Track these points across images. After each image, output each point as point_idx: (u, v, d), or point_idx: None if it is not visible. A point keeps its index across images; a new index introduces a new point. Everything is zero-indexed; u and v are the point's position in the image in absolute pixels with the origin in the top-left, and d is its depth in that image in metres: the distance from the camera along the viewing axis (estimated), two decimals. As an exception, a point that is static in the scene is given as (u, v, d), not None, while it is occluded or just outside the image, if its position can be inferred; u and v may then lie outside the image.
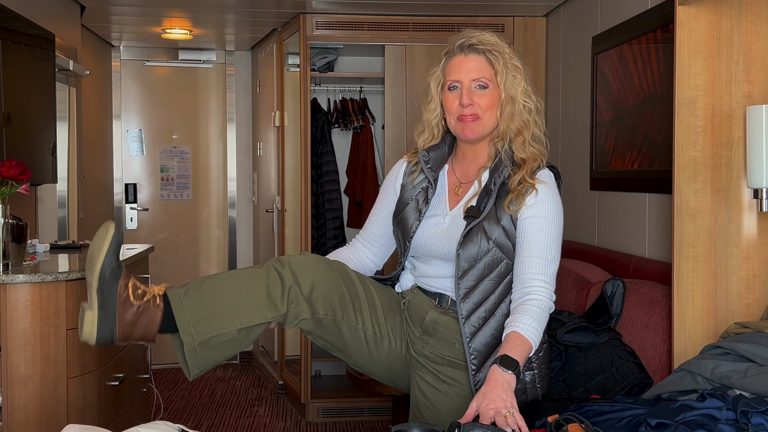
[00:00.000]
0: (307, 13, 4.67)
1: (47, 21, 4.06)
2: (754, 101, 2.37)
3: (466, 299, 2.07)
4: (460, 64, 2.10)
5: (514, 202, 2.04)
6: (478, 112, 2.07)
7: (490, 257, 2.05)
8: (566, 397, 2.87)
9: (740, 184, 2.38)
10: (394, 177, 2.28)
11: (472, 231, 2.05)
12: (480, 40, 2.09)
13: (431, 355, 2.16)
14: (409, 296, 2.22)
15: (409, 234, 2.15)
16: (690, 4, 2.37)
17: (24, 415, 2.79)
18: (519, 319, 1.98)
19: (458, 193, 2.15)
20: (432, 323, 2.15)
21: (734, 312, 2.41)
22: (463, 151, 2.18)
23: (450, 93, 2.10)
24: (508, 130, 2.09)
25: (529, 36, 4.72)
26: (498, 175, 2.07)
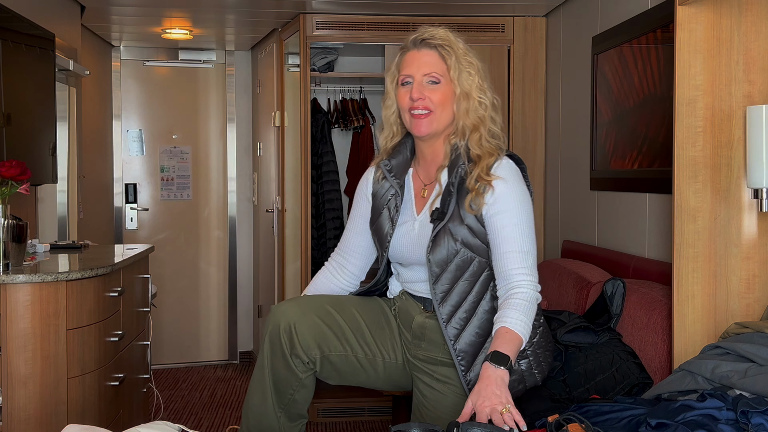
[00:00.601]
0: (307, 13, 4.67)
1: (47, 21, 4.06)
2: (754, 101, 2.37)
3: (444, 303, 2.07)
4: (413, 59, 2.07)
5: (474, 202, 2.02)
6: (430, 106, 2.04)
7: (460, 258, 2.05)
8: (566, 397, 2.87)
9: (740, 184, 2.38)
10: (365, 186, 2.27)
11: (438, 235, 2.04)
12: (432, 35, 2.07)
13: (425, 357, 2.18)
14: (398, 302, 2.23)
15: (385, 243, 2.16)
16: (690, 4, 2.37)
17: (24, 415, 2.79)
18: (506, 313, 1.98)
19: (424, 196, 2.14)
20: (419, 328, 2.16)
21: (734, 312, 2.41)
22: (421, 151, 2.16)
23: (402, 88, 2.08)
24: (465, 126, 2.07)
25: (529, 36, 4.72)
26: (455, 174, 2.05)
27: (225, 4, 4.79)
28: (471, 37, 4.74)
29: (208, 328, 6.43)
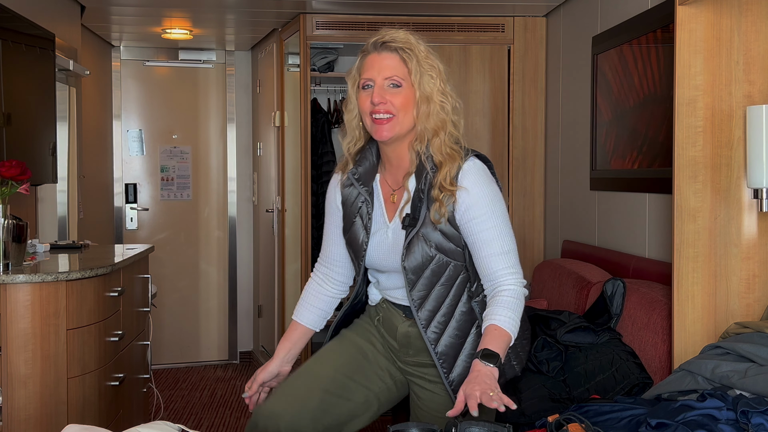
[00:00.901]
0: (307, 13, 4.67)
1: (47, 21, 4.06)
2: (754, 101, 2.37)
3: (422, 308, 2.07)
4: (373, 62, 2.03)
5: (438, 212, 2.00)
6: (392, 110, 2.00)
7: (436, 264, 2.04)
8: (566, 397, 2.87)
9: (740, 184, 2.38)
10: (333, 195, 2.22)
11: (412, 241, 2.02)
12: (393, 37, 2.03)
13: (415, 362, 2.19)
14: (381, 312, 2.22)
15: (360, 252, 2.13)
16: (690, 4, 2.37)
17: (24, 415, 2.79)
18: (495, 311, 1.99)
19: (394, 201, 2.11)
20: (404, 337, 2.16)
21: (734, 312, 2.41)
22: (387, 156, 2.12)
23: (363, 92, 2.04)
24: (426, 130, 2.03)
25: (529, 36, 4.73)
26: (424, 180, 2.02)
27: (225, 4, 4.80)
28: (471, 37, 4.76)
29: (208, 328, 6.43)
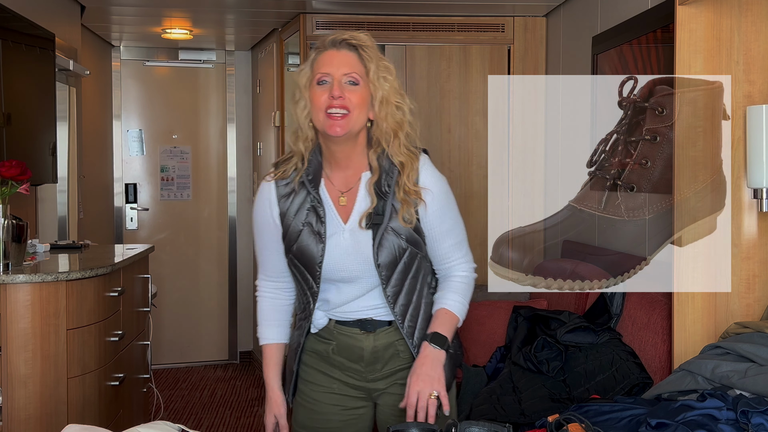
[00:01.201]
0: (307, 13, 4.67)
1: (47, 21, 4.06)
2: (754, 101, 2.37)
3: (396, 304, 2.04)
4: (331, 58, 2.00)
5: (407, 213, 2.00)
6: (349, 106, 1.96)
7: (408, 257, 2.03)
8: (566, 397, 2.87)
9: (740, 184, 2.38)
10: (267, 210, 2.09)
11: (383, 238, 2.00)
12: (353, 35, 2.02)
13: (384, 374, 2.12)
14: (334, 340, 2.10)
15: (316, 261, 2.03)
16: (690, 4, 2.37)
17: (24, 415, 2.79)
18: (446, 295, 2.07)
19: (344, 204, 2.06)
20: (372, 354, 2.09)
21: (734, 312, 2.41)
22: (334, 156, 2.06)
23: (319, 87, 1.99)
24: (383, 131, 2.01)
25: (529, 36, 4.73)
26: (390, 178, 2.01)
27: (225, 4, 4.79)
28: (471, 37, 4.76)
29: (208, 328, 6.43)
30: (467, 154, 4.81)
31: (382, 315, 2.07)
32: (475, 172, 4.78)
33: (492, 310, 4.08)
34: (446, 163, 4.76)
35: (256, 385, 5.74)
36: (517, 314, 3.62)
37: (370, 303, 2.07)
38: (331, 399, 2.14)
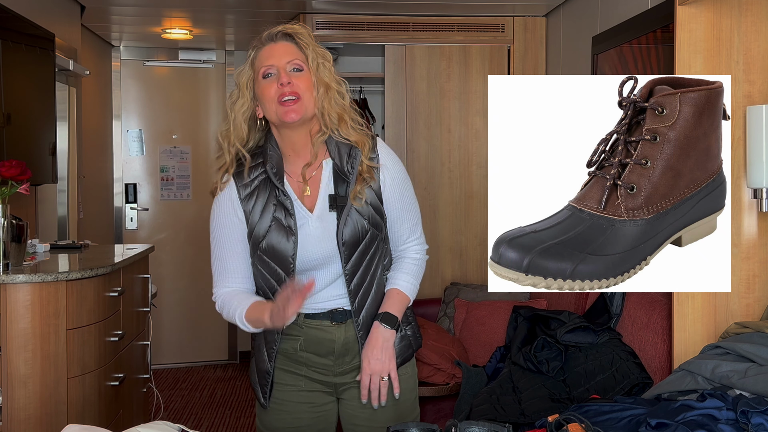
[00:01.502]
0: (307, 13, 4.67)
1: (47, 21, 4.06)
2: (754, 101, 2.37)
3: (352, 281, 2.06)
4: (271, 50, 2.03)
5: (360, 194, 2.04)
6: (298, 91, 1.99)
7: (369, 237, 2.06)
8: (566, 397, 2.87)
9: (740, 184, 2.38)
10: (231, 209, 2.08)
11: (347, 219, 2.03)
12: (286, 27, 2.06)
13: (354, 365, 2.12)
14: (302, 335, 2.09)
15: (289, 254, 2.02)
16: (690, 4, 2.37)
17: (24, 415, 2.79)
18: (398, 276, 2.13)
19: (308, 194, 2.07)
20: (343, 347, 2.09)
21: (734, 312, 2.41)
22: (291, 145, 2.07)
23: (265, 80, 2.02)
24: (329, 117, 2.04)
25: (529, 36, 4.73)
26: (353, 159, 2.04)
27: (225, 4, 4.80)
28: (471, 37, 4.76)
29: (208, 328, 6.43)
30: (467, 154, 4.81)
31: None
32: (475, 172, 4.78)
33: (492, 310, 4.09)
34: (446, 163, 4.76)
35: (256, 385, 5.74)
36: (517, 314, 3.62)
37: (339, 291, 2.08)
38: (299, 397, 2.13)
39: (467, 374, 3.46)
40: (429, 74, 4.76)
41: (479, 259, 4.77)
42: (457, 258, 4.76)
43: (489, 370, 3.55)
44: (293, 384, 2.13)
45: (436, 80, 4.77)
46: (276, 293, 2.03)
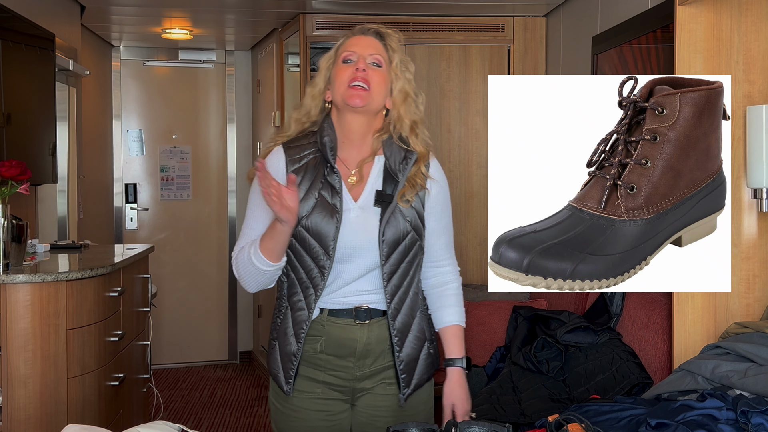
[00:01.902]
0: (307, 13, 4.67)
1: (47, 21, 4.06)
2: (754, 101, 2.37)
3: (389, 283, 2.05)
4: (358, 40, 2.08)
5: (408, 196, 2.06)
6: (371, 82, 2.02)
7: (410, 239, 2.06)
8: (566, 397, 2.87)
9: (740, 184, 2.38)
10: (276, 176, 2.00)
11: (391, 216, 2.03)
12: (381, 27, 2.11)
13: (371, 372, 2.10)
14: (322, 335, 2.05)
15: (330, 235, 2.00)
16: (690, 4, 2.37)
17: (24, 415, 2.79)
18: (450, 311, 2.17)
19: (352, 182, 2.07)
20: (365, 348, 2.07)
21: (734, 312, 2.41)
22: (350, 137, 2.08)
23: (344, 64, 2.05)
24: (401, 121, 2.08)
25: (529, 36, 4.73)
26: (406, 162, 2.07)
27: (225, 4, 4.80)
28: (471, 37, 4.76)
29: (208, 328, 6.43)
30: (467, 154, 4.81)
31: (377, 303, 2.06)
32: (475, 172, 4.78)
33: (492, 310, 4.08)
34: (446, 163, 4.76)
35: (256, 385, 5.74)
36: (517, 314, 3.62)
37: (366, 287, 2.06)
38: (315, 405, 2.09)
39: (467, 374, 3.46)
40: (429, 74, 4.76)
41: (479, 259, 4.77)
42: (457, 258, 4.75)
43: (489, 370, 3.55)
44: (310, 392, 2.09)
45: (436, 80, 4.77)
46: (313, 276, 2.02)
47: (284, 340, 2.08)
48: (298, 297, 2.06)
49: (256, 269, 2.00)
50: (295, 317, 2.06)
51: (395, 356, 2.07)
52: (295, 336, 2.06)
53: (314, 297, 2.03)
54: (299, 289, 2.06)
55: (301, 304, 2.06)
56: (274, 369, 2.11)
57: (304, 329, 2.04)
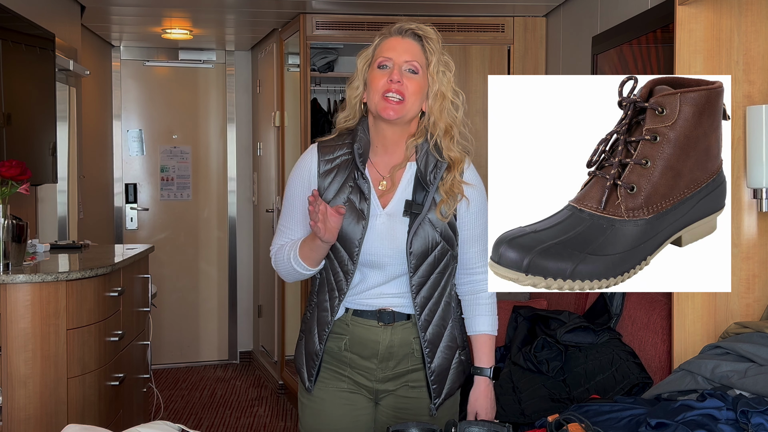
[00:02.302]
0: (307, 13, 4.67)
1: (47, 21, 4.06)
2: (754, 101, 2.37)
3: (418, 295, 2.04)
4: (395, 44, 2.03)
5: (446, 207, 2.03)
6: (405, 93, 1.99)
7: (440, 250, 2.04)
8: (566, 397, 2.87)
9: (740, 184, 2.38)
10: (306, 178, 2.08)
11: (419, 226, 2.01)
12: (419, 26, 2.05)
13: (394, 375, 2.10)
14: (348, 334, 2.07)
15: (357, 238, 2.01)
16: (690, 4, 2.37)
17: (24, 415, 2.79)
18: (483, 321, 2.15)
19: (382, 189, 2.06)
20: (387, 351, 2.07)
21: (734, 312, 2.41)
22: (383, 140, 2.07)
23: (379, 71, 2.02)
24: (436, 125, 2.04)
25: (529, 36, 4.73)
26: (437, 170, 2.04)
27: (225, 4, 4.80)
28: (471, 37, 4.76)
29: (208, 328, 6.43)
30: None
31: (402, 306, 2.06)
32: (475, 172, 4.78)
33: (492, 310, 4.08)
34: (446, 163, 4.76)
35: (256, 385, 5.74)
36: (517, 314, 3.62)
37: (392, 291, 2.06)
38: (339, 398, 2.10)
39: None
40: (429, 74, 4.75)
41: (479, 259, 4.76)
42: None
43: (489, 370, 3.54)
44: (336, 385, 2.11)
45: (436, 80, 4.77)
46: (338, 279, 2.05)
47: (309, 337, 2.12)
48: (325, 297, 2.09)
49: (295, 271, 2.06)
50: (320, 317, 2.10)
51: (426, 367, 2.07)
52: (318, 336, 2.09)
53: (338, 300, 2.06)
54: (326, 288, 2.09)
55: (326, 304, 2.08)
56: (299, 363, 2.16)
57: (327, 331, 2.07)
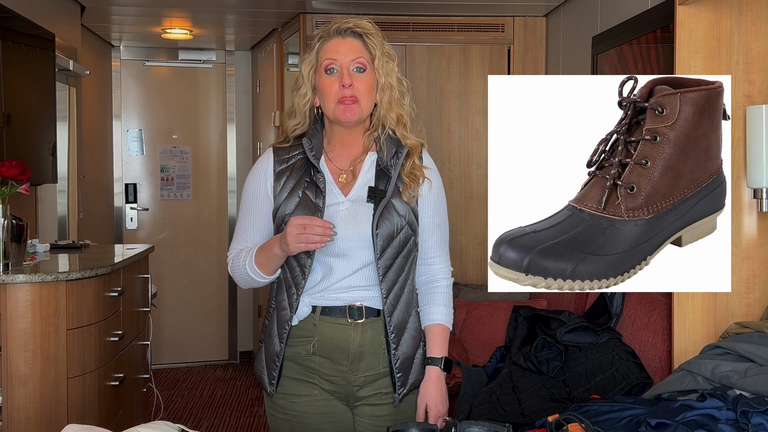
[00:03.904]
0: (307, 13, 4.67)
1: (47, 21, 4.06)
2: (754, 101, 2.37)
3: (384, 278, 2.02)
4: (337, 45, 2.04)
5: (410, 190, 2.05)
6: (357, 94, 2.01)
7: (404, 234, 2.04)
8: (566, 397, 2.87)
9: (740, 184, 2.38)
10: (263, 179, 2.09)
11: (384, 209, 2.02)
12: (357, 24, 2.06)
13: (365, 378, 2.07)
14: (315, 335, 2.04)
15: None
16: (690, 4, 2.37)
17: (24, 415, 2.79)
18: (437, 310, 2.12)
19: (343, 181, 2.07)
20: (358, 350, 2.04)
21: (734, 312, 2.41)
22: (340, 138, 2.09)
23: (327, 75, 2.02)
24: (387, 117, 2.06)
25: (529, 36, 4.73)
26: (397, 158, 2.05)
27: (225, 4, 4.80)
28: (471, 37, 4.76)
29: (208, 328, 6.43)
30: (467, 154, 4.81)
31: (371, 300, 2.03)
32: (475, 172, 4.78)
33: (492, 310, 4.09)
34: (446, 163, 4.76)
35: (256, 385, 5.74)
36: (517, 314, 3.62)
37: (360, 282, 2.03)
38: (314, 407, 2.06)
39: (467, 374, 3.46)
40: (429, 74, 4.76)
41: (479, 259, 4.77)
42: (457, 258, 4.76)
43: (489, 370, 3.55)
44: (307, 395, 2.06)
45: (436, 80, 4.77)
46: (295, 275, 2.03)
47: (269, 341, 2.09)
48: (283, 296, 2.07)
49: (251, 278, 2.07)
50: (279, 317, 2.07)
51: (391, 354, 2.04)
52: (278, 336, 2.06)
53: (296, 296, 2.03)
54: (284, 287, 2.07)
55: (284, 303, 2.06)
56: (259, 370, 2.11)
57: (286, 329, 2.04)
